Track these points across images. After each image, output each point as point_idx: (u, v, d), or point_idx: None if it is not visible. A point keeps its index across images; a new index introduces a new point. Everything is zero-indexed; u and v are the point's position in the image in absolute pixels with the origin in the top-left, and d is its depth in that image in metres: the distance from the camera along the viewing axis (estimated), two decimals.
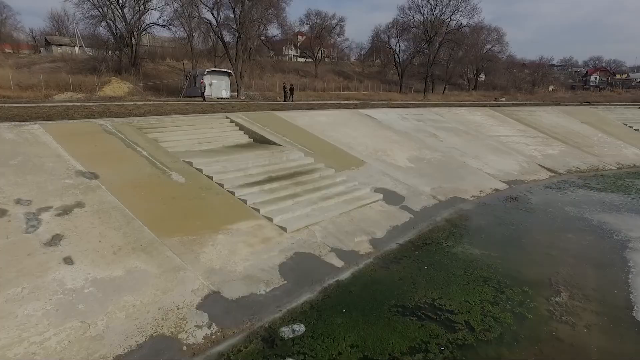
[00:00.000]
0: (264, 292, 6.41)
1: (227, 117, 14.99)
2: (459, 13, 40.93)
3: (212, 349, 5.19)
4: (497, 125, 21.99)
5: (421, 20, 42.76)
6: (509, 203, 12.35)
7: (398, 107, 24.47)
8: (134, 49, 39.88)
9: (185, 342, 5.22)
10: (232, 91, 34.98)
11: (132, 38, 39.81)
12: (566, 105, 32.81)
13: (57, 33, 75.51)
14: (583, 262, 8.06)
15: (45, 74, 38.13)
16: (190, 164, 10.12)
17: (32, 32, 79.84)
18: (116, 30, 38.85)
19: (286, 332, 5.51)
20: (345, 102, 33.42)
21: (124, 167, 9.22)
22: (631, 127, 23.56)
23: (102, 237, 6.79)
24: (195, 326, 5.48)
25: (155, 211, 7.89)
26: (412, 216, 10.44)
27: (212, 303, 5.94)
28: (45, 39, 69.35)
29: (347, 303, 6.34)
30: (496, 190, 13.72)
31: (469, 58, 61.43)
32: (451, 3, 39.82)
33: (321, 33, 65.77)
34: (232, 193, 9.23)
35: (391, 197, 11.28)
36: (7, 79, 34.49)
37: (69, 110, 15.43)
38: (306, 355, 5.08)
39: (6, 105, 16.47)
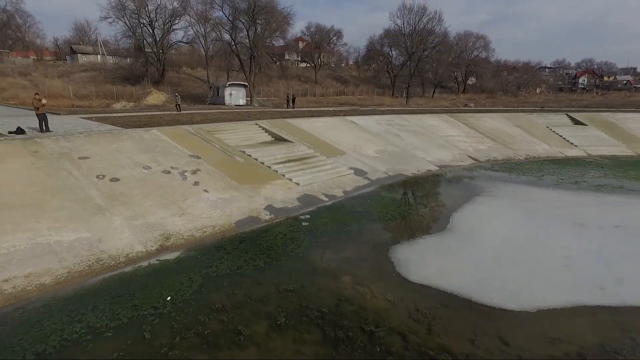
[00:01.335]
0: (290, 206, 14.28)
1: (256, 124, 22.81)
2: (434, 34, 48.96)
3: (272, 221, 13.05)
4: (448, 128, 29.84)
5: (403, 40, 50.76)
6: (431, 177, 20.21)
7: (378, 114, 32.26)
8: (162, 63, 47.63)
9: (262, 219, 13.09)
10: (246, 97, 42.86)
11: (161, 53, 47.56)
12: (514, 111, 40.59)
13: (80, 42, 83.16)
14: (447, 197, 15.94)
15: (87, 84, 45.79)
16: (244, 152, 17.97)
17: (56, 41, 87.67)
18: (144, 44, 46.63)
19: (302, 217, 13.38)
20: (339, 108, 41.30)
21: (210, 153, 17.05)
22: (551, 130, 31.39)
23: (215, 183, 14.63)
24: (264, 214, 13.35)
25: (233, 174, 15.71)
26: (369, 182, 18.29)
27: (269, 208, 13.81)
28: (71, 47, 76.61)
29: (328, 210, 14.22)
30: (429, 170, 21.57)
31: (457, 63, 69.26)
32: (427, 26, 47.80)
33: (320, 43, 73.50)
34: (269, 167, 17.07)
35: (359, 172, 19.12)
36: (63, 88, 41.98)
37: (151, 119, 23.21)
38: (309, 222, 12.93)
39: (106, 115, 24.33)
